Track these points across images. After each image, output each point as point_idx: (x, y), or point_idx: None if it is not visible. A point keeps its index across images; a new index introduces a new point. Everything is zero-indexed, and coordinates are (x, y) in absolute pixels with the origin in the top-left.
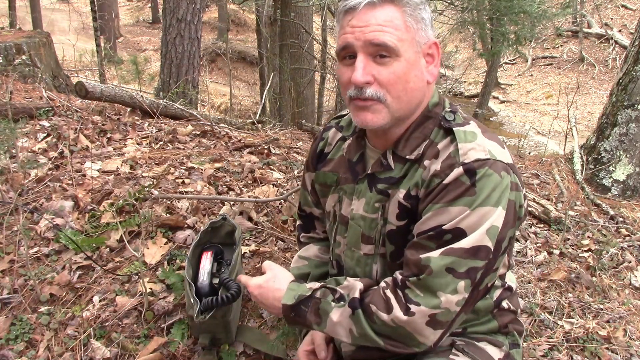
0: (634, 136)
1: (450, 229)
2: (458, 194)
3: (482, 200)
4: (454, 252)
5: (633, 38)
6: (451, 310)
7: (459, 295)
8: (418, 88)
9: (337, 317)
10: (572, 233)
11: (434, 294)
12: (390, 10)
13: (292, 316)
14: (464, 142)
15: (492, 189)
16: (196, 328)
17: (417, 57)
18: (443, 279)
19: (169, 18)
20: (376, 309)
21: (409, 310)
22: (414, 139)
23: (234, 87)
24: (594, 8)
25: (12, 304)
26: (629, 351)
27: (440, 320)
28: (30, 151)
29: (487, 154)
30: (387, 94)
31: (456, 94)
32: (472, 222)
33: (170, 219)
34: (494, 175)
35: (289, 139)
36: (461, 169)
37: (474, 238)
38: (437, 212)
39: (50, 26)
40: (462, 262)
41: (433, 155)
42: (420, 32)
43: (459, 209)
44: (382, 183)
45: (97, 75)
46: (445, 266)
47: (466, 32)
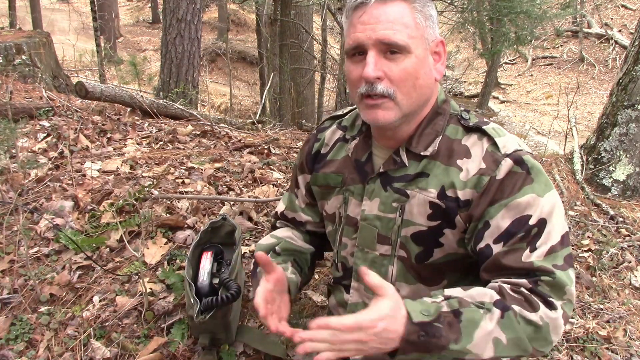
0: (634, 136)
1: (535, 222)
2: (520, 184)
3: (543, 185)
4: (552, 249)
5: (633, 38)
6: (573, 301)
7: (574, 284)
8: (427, 85)
9: (491, 326)
10: (572, 233)
11: (562, 289)
12: (401, 6)
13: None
14: (498, 136)
15: (542, 174)
16: (196, 328)
17: (425, 54)
18: (563, 273)
19: (169, 18)
20: (520, 309)
21: (552, 305)
22: (426, 135)
23: (234, 87)
24: (594, 8)
25: (12, 304)
26: (629, 351)
27: (568, 315)
28: (30, 151)
29: (520, 145)
30: (397, 91)
31: (456, 94)
32: (548, 209)
33: (170, 219)
34: (535, 162)
35: (289, 139)
36: (509, 160)
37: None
38: (507, 208)
39: (50, 26)
40: (560, 253)
41: (464, 154)
42: (428, 30)
43: (529, 197)
44: (397, 182)
45: (97, 75)
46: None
47: (466, 32)
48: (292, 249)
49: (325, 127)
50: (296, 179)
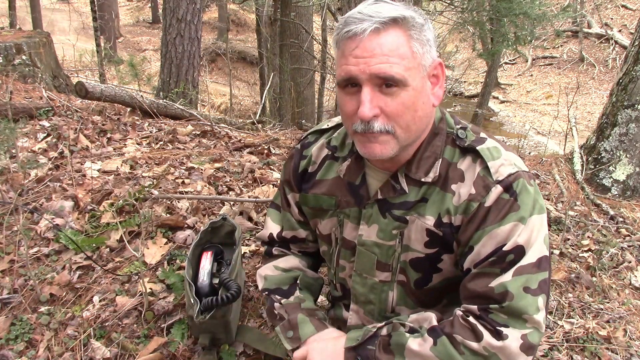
0: (634, 136)
1: (510, 249)
2: (505, 212)
3: (528, 212)
4: (524, 269)
5: (633, 38)
6: (540, 330)
7: (542, 312)
8: (426, 115)
9: (417, 347)
10: (572, 233)
11: (519, 317)
12: (396, 35)
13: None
14: (492, 160)
15: (531, 199)
16: (196, 328)
17: (423, 83)
18: (524, 300)
19: (169, 18)
20: (462, 339)
21: (500, 334)
22: (425, 159)
23: (234, 87)
24: (594, 8)
25: (12, 304)
26: (629, 351)
27: (533, 343)
28: (30, 151)
29: (514, 166)
30: (395, 126)
31: (456, 94)
32: (527, 236)
33: (170, 219)
34: (527, 185)
35: (289, 139)
36: (499, 187)
37: (536, 250)
38: (490, 235)
39: (50, 26)
40: (533, 277)
41: (458, 178)
42: (426, 55)
43: (511, 225)
44: (397, 209)
45: (97, 75)
46: (522, 286)
47: (466, 32)
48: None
49: (310, 142)
50: (286, 197)
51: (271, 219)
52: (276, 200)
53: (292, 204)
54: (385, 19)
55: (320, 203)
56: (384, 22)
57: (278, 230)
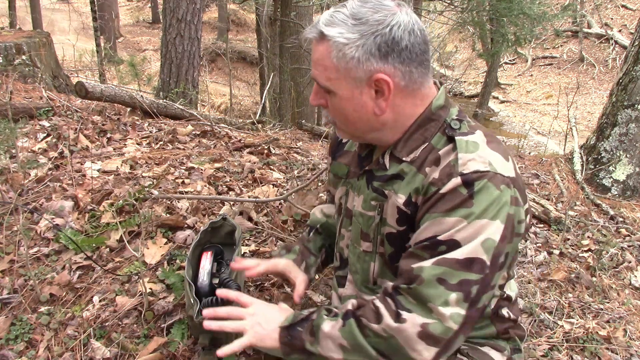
0: (634, 136)
1: (445, 240)
2: (455, 204)
3: (479, 212)
4: (446, 262)
5: (633, 38)
6: (445, 324)
7: (452, 308)
8: (360, 120)
9: (329, 329)
10: (572, 233)
11: (424, 304)
12: (322, 48)
13: (288, 340)
14: (464, 152)
15: (490, 202)
16: (196, 328)
17: (354, 93)
18: (434, 289)
19: (169, 18)
20: (367, 322)
21: (399, 317)
22: (413, 141)
23: (234, 87)
24: (594, 8)
25: (12, 304)
26: (629, 351)
27: (434, 334)
28: (30, 151)
29: (488, 166)
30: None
31: (456, 94)
32: (468, 235)
33: (170, 219)
34: (492, 188)
35: (289, 139)
36: (459, 179)
37: (468, 249)
38: (433, 222)
39: (50, 26)
40: (455, 273)
41: (434, 161)
42: (353, 70)
43: (455, 219)
44: (376, 180)
45: (97, 75)
46: (437, 276)
47: (466, 32)
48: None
49: None
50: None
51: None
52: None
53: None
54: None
55: (338, 171)
56: (317, 34)
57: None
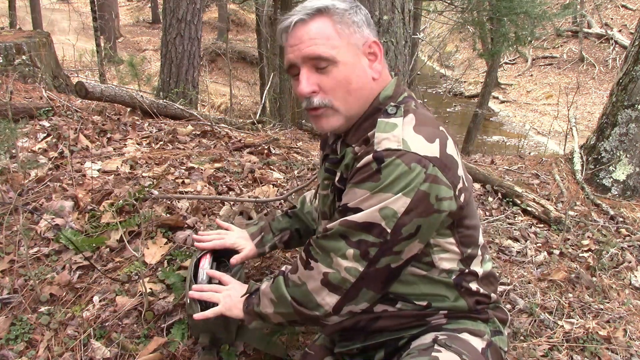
0: (634, 136)
1: (352, 207)
2: (364, 177)
3: (383, 186)
4: (347, 223)
5: (633, 38)
6: (342, 275)
7: (349, 262)
8: (363, 86)
9: (264, 287)
10: (572, 233)
11: (327, 254)
12: (320, 21)
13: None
14: (381, 131)
15: (395, 177)
16: (196, 328)
17: (356, 59)
18: (335, 242)
19: (169, 18)
20: (290, 274)
21: (309, 264)
22: (362, 130)
23: (234, 87)
24: (594, 8)
25: (12, 304)
26: (629, 351)
27: (333, 282)
28: (30, 151)
29: (400, 144)
30: (333, 100)
31: (456, 94)
32: (369, 204)
33: (170, 219)
34: (401, 165)
35: (289, 139)
36: (371, 156)
37: (366, 215)
38: (348, 191)
39: (50, 26)
40: (354, 233)
41: (363, 141)
42: (355, 35)
43: (362, 191)
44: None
45: (97, 75)
46: (340, 232)
47: (466, 32)
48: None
49: None
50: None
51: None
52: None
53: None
54: (310, 10)
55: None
56: (309, 13)
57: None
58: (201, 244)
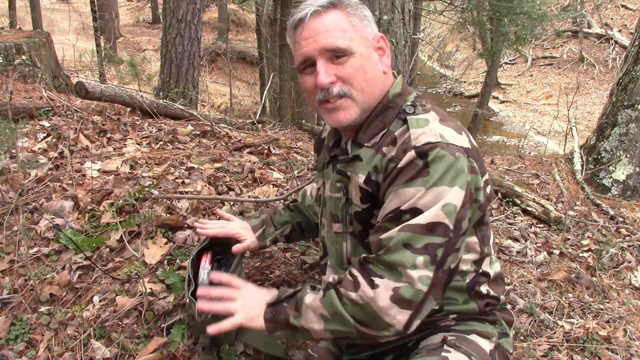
0: (634, 136)
1: (407, 209)
2: (412, 175)
3: (436, 179)
4: (410, 228)
5: (633, 38)
6: (415, 287)
7: (420, 271)
8: (376, 78)
9: (310, 300)
10: (572, 233)
11: (394, 269)
12: (335, 14)
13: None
14: (415, 127)
15: (445, 169)
16: (196, 328)
17: (369, 51)
18: (401, 254)
19: (169, 18)
20: (345, 291)
21: (373, 283)
22: (373, 127)
23: (234, 87)
24: (594, 8)
25: (12, 304)
26: (629, 351)
27: (405, 297)
28: (30, 151)
29: (438, 137)
30: (351, 88)
31: (456, 94)
32: (428, 201)
33: (170, 219)
34: (447, 156)
35: (289, 139)
36: (413, 152)
37: (430, 214)
38: (395, 194)
39: (50, 26)
40: (419, 237)
41: (390, 142)
42: (366, 29)
43: (414, 189)
44: (339, 163)
45: (97, 75)
46: (402, 242)
47: (466, 32)
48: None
49: None
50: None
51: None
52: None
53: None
54: (324, 2)
55: (318, 165)
56: (323, 6)
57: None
58: (204, 231)
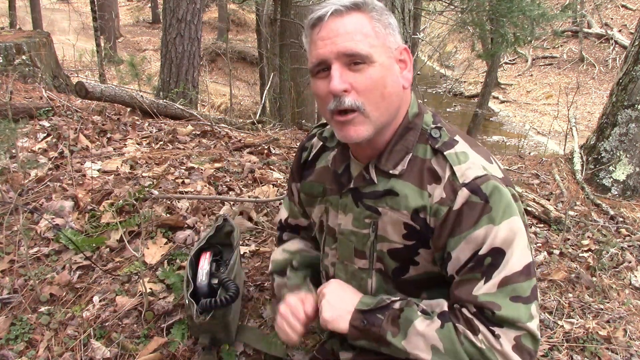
0: (634, 136)
1: (486, 252)
2: (476, 216)
3: (502, 212)
4: (509, 280)
5: (633, 38)
6: (535, 336)
7: (535, 319)
8: (395, 93)
9: (423, 328)
10: (572, 233)
11: (512, 324)
12: (358, 17)
13: (363, 325)
14: (458, 164)
15: (506, 200)
16: (196, 328)
17: (390, 62)
18: (515, 310)
19: (169, 18)
20: (464, 329)
21: (494, 333)
22: (396, 153)
23: (234, 87)
24: (594, 8)
25: (12, 304)
26: (629, 351)
27: (527, 346)
28: (30, 151)
29: (482, 170)
30: (365, 103)
31: (456, 94)
32: (504, 236)
33: (170, 219)
34: (499, 187)
35: (289, 139)
36: (465, 190)
37: (521, 257)
38: (465, 242)
39: (50, 26)
40: (523, 285)
41: (433, 178)
42: (389, 38)
43: (484, 229)
44: (367, 198)
45: (97, 75)
46: (509, 296)
47: (466, 32)
48: (309, 261)
49: (313, 134)
50: (290, 187)
51: (284, 205)
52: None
53: (295, 193)
54: (347, 3)
55: (312, 190)
56: (346, 6)
57: (286, 216)
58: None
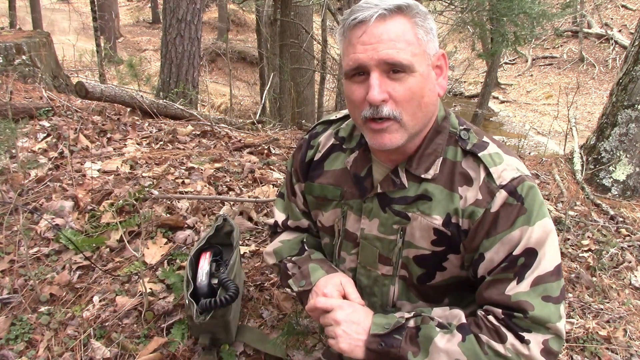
0: (634, 136)
1: (520, 252)
2: (513, 217)
3: (536, 213)
4: (541, 279)
5: (633, 38)
6: (562, 338)
7: (563, 319)
8: (432, 102)
9: (444, 344)
10: (572, 233)
11: (543, 325)
12: (401, 22)
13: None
14: (494, 165)
15: (539, 201)
16: (196, 328)
17: (429, 71)
18: (546, 310)
19: (169, 18)
20: (487, 339)
21: (523, 338)
22: (427, 156)
23: (234, 87)
24: (594, 8)
25: (12, 304)
26: (629, 351)
27: (553, 349)
28: (30, 151)
29: (517, 171)
30: (402, 112)
31: (456, 94)
32: (537, 237)
33: (170, 219)
34: (533, 188)
35: (289, 139)
36: (503, 192)
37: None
38: (501, 243)
39: (50, 26)
40: (554, 285)
41: (465, 181)
42: (430, 44)
43: (519, 231)
44: (397, 204)
45: (97, 75)
46: (540, 295)
47: (466, 32)
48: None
49: (318, 132)
50: (292, 187)
51: (277, 208)
52: (282, 189)
53: (297, 193)
54: (391, 6)
55: (325, 193)
56: (389, 9)
57: (283, 218)
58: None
